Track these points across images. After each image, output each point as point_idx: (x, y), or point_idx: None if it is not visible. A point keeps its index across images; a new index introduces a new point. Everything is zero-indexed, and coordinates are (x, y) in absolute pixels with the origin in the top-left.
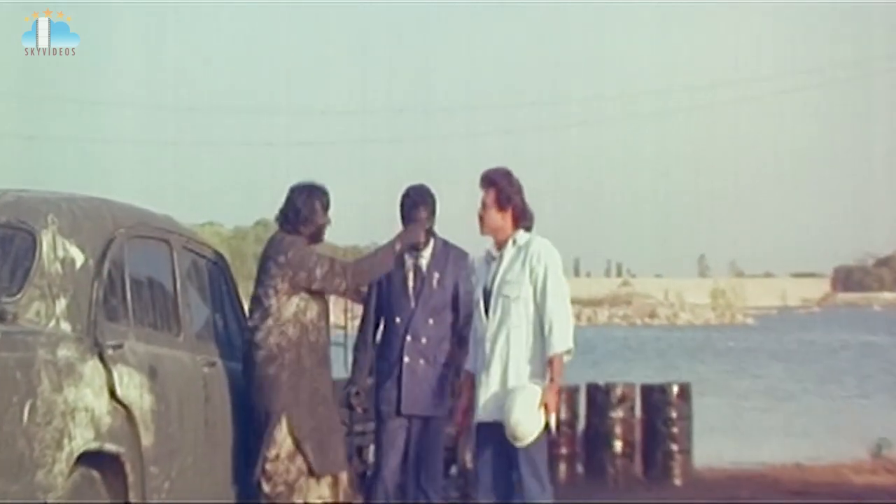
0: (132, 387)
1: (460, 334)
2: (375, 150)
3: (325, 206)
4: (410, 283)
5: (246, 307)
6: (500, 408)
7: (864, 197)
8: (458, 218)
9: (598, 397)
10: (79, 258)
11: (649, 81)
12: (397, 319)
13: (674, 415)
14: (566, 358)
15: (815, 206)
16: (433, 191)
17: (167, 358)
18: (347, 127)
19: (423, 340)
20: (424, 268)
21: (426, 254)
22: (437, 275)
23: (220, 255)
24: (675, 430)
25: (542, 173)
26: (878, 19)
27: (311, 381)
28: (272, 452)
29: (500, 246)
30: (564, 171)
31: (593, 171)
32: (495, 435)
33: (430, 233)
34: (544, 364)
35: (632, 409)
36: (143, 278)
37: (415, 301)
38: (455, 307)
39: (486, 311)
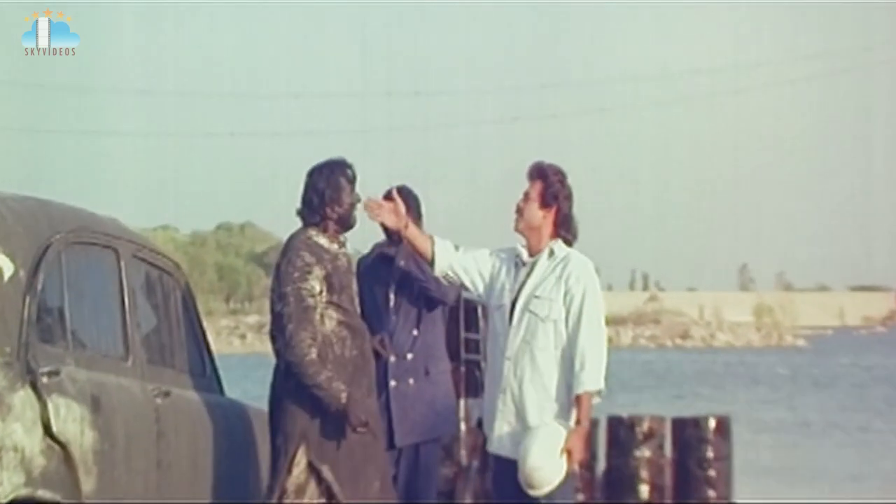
0: (71, 421)
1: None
2: (372, 139)
3: (351, 181)
4: (392, 297)
5: (206, 325)
6: (516, 444)
7: None
8: (456, 209)
9: (621, 433)
10: (7, 268)
11: (665, 66)
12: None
13: (711, 454)
14: (595, 400)
15: (878, 208)
16: (416, 192)
17: (113, 387)
18: (343, 115)
19: (410, 356)
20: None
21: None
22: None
23: (176, 266)
24: (711, 472)
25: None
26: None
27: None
28: (290, 483)
29: (534, 252)
30: (576, 163)
31: (610, 163)
32: (512, 472)
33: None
34: (570, 399)
35: (661, 447)
36: (85, 292)
37: (395, 315)
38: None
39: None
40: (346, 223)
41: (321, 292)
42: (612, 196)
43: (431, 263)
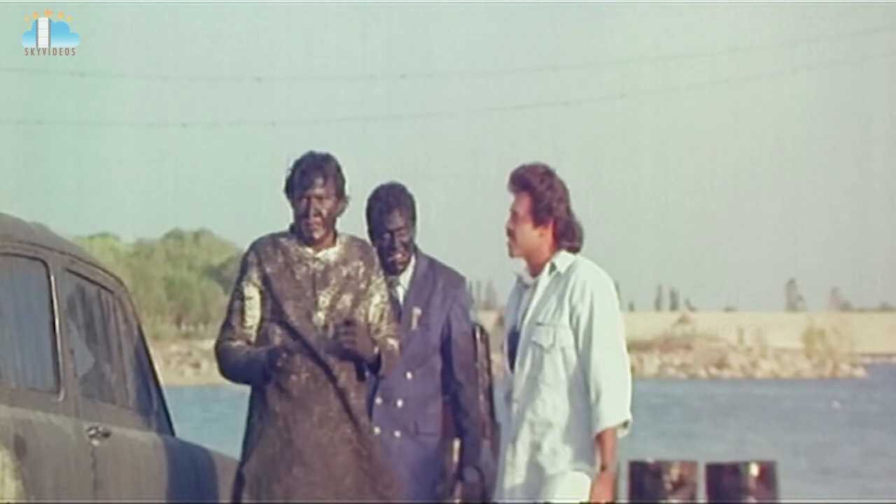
0: None
1: (455, 395)
2: (370, 127)
3: (303, 184)
4: None
5: (153, 352)
6: (531, 497)
7: None
8: (456, 199)
9: (646, 481)
10: None
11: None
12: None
13: None
14: (621, 433)
15: None
16: (410, 192)
17: (41, 426)
18: (334, 102)
19: (399, 403)
20: (402, 300)
21: (404, 280)
22: (417, 310)
23: (117, 281)
24: None
25: (564, 161)
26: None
27: (282, 431)
28: None
29: (536, 271)
30: (591, 158)
31: (629, 158)
32: None
33: (408, 248)
34: (590, 440)
35: (693, 497)
36: (8, 313)
37: None
38: (447, 355)
39: (513, 360)
40: (300, 231)
41: (251, 298)
42: (633, 198)
43: None
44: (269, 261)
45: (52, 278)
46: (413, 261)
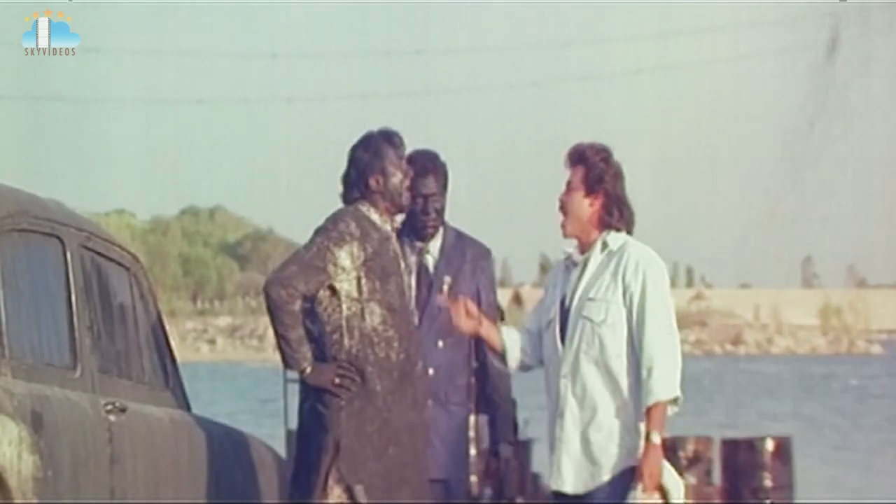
0: (7, 443)
1: (484, 368)
2: (370, 105)
3: (399, 151)
4: (413, 290)
5: (169, 328)
6: (579, 477)
7: None
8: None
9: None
10: None
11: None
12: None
13: (768, 482)
14: (671, 410)
15: None
16: (443, 160)
17: (58, 401)
18: (335, 78)
19: (431, 372)
20: (432, 268)
21: (433, 248)
22: (447, 279)
23: (133, 258)
24: (769, 503)
25: (570, 138)
26: None
27: (382, 410)
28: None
29: (585, 249)
30: (600, 134)
31: (641, 134)
32: None
33: (440, 215)
34: (639, 417)
35: (708, 473)
36: (25, 289)
37: (419, 315)
38: None
39: (563, 336)
40: (396, 201)
41: (337, 267)
42: (646, 174)
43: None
44: (369, 239)
45: (69, 255)
46: (441, 230)
